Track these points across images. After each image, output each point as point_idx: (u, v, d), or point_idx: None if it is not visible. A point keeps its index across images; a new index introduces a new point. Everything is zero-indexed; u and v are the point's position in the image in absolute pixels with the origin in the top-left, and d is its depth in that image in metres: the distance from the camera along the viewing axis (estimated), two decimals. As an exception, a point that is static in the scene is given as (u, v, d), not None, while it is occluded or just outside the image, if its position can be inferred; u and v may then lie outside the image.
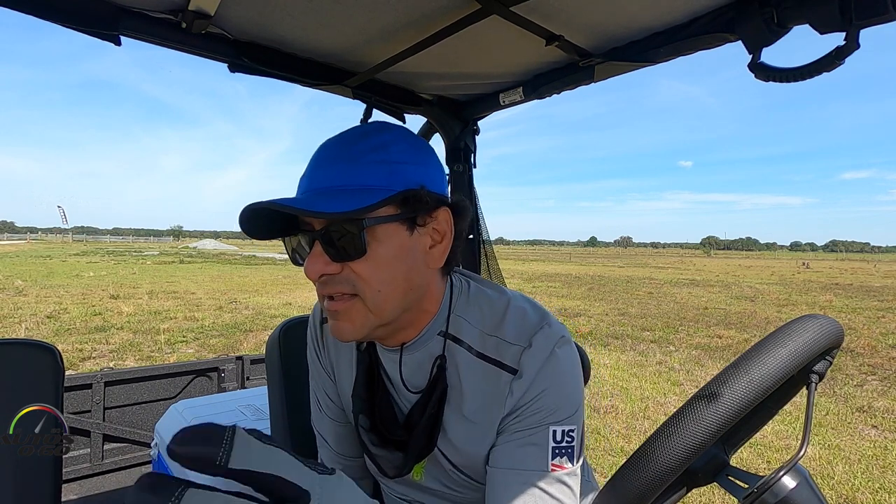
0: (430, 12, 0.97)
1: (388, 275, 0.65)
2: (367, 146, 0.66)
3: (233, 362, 2.65)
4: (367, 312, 0.66)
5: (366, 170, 0.65)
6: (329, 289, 0.66)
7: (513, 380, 0.70)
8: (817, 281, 20.59)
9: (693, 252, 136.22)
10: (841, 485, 2.93)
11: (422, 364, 0.75)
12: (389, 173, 0.65)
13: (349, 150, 0.66)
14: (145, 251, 38.52)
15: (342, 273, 0.65)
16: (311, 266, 0.64)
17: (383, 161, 0.65)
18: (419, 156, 0.69)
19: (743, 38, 0.86)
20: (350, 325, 0.67)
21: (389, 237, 0.65)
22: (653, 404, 4.32)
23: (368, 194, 0.63)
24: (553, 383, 0.69)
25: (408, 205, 0.66)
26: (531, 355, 0.69)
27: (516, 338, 0.71)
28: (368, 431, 0.77)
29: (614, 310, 10.26)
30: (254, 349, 6.08)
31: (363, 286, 0.65)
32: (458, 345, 0.74)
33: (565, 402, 0.69)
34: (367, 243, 0.63)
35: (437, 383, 0.72)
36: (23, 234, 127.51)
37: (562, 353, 0.70)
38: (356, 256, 0.64)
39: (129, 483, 2.27)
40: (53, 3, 0.91)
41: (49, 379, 0.99)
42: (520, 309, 0.74)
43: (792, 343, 0.45)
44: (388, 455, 0.75)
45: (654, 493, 0.44)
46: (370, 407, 0.78)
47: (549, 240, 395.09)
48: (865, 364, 5.82)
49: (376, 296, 0.65)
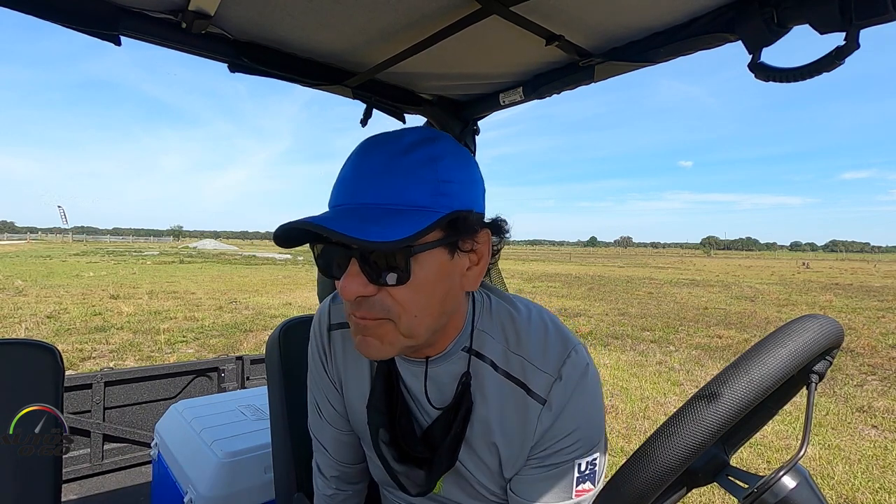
0: (430, 12, 0.97)
1: (426, 300, 0.62)
2: (417, 160, 0.60)
3: (233, 362, 2.65)
4: (399, 336, 0.63)
5: (416, 188, 0.59)
6: (363, 311, 0.61)
7: (542, 410, 0.69)
8: (817, 281, 20.59)
9: (693, 252, 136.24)
10: (841, 485, 2.93)
11: (445, 379, 0.73)
12: (439, 193, 0.60)
13: (398, 163, 0.60)
14: (145, 251, 38.53)
15: (377, 296, 0.61)
16: (349, 287, 0.59)
17: (434, 180, 0.60)
18: (467, 173, 0.64)
19: (743, 38, 0.86)
20: (380, 344, 0.64)
21: (431, 262, 0.61)
22: (653, 404, 4.32)
23: (418, 217, 0.58)
24: (581, 418, 0.69)
25: (453, 228, 0.62)
26: (562, 388, 0.68)
27: (543, 364, 0.69)
28: (389, 446, 0.74)
29: (614, 310, 10.26)
30: (254, 349, 6.08)
31: (399, 312, 0.61)
32: (481, 360, 0.72)
33: (591, 435, 0.69)
34: (412, 271, 0.59)
35: (462, 401, 0.71)
36: (23, 234, 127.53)
37: (588, 381, 0.70)
38: (399, 283, 0.60)
39: (129, 483, 2.27)
40: (53, 3, 0.92)
41: (49, 379, 0.99)
42: (540, 327, 0.72)
43: (792, 343, 0.45)
44: (409, 472, 0.73)
45: (654, 493, 0.44)
46: (390, 420, 0.75)
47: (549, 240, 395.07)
48: (865, 364, 5.82)
49: (412, 321, 0.62)
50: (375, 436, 0.75)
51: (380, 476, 0.86)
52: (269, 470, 1.31)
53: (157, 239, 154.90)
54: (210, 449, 1.37)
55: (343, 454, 0.89)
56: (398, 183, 0.59)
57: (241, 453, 1.34)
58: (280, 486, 1.10)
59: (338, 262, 0.62)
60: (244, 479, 1.32)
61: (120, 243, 75.31)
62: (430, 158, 0.61)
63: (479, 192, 0.67)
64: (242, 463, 1.33)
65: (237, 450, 1.35)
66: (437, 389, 0.73)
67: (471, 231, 0.63)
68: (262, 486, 1.34)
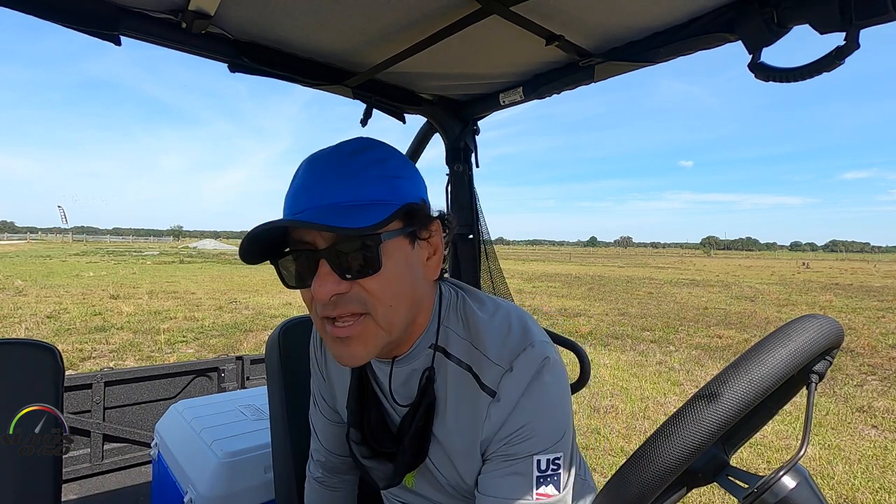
0: (430, 12, 0.97)
1: (398, 289, 0.64)
2: (366, 161, 0.65)
3: (233, 362, 2.65)
4: (378, 330, 0.65)
5: (370, 185, 0.64)
6: (339, 309, 0.63)
7: (490, 403, 0.68)
8: (817, 281, 20.59)
9: (693, 252, 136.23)
10: (841, 485, 2.93)
11: (411, 376, 0.74)
12: (392, 188, 0.65)
13: (348, 166, 0.64)
14: (145, 251, 38.53)
15: (351, 292, 0.63)
16: (322, 286, 0.61)
17: (384, 176, 0.65)
18: (411, 171, 0.70)
19: (743, 38, 0.86)
20: (363, 348, 0.65)
21: (396, 251, 0.64)
22: (653, 404, 4.32)
23: (378, 209, 0.62)
24: (536, 412, 0.67)
25: (410, 219, 0.66)
26: (512, 379, 0.67)
27: (497, 357, 0.69)
28: (359, 444, 0.77)
29: (614, 310, 10.26)
30: (254, 349, 6.08)
31: (375, 302, 0.63)
32: (447, 358, 0.72)
33: (550, 431, 0.67)
34: (381, 259, 0.62)
35: (424, 396, 0.72)
36: (23, 234, 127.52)
37: (546, 377, 0.68)
38: (371, 272, 0.62)
39: (129, 483, 2.27)
40: (53, 3, 0.92)
41: (49, 379, 0.99)
42: (504, 324, 0.72)
43: (792, 343, 0.45)
44: (378, 466, 0.76)
45: (654, 493, 0.44)
46: (360, 420, 0.78)
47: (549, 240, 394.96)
48: (865, 364, 5.82)
49: (388, 311, 0.64)
50: (347, 434, 0.79)
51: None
52: (269, 470, 1.31)
53: (157, 239, 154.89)
54: (210, 449, 1.37)
55: (331, 443, 0.94)
56: (354, 183, 0.63)
57: (241, 453, 1.34)
58: (280, 486, 1.10)
59: (305, 269, 0.64)
60: (244, 479, 1.32)
61: (120, 243, 75.32)
62: (378, 159, 0.66)
63: (424, 188, 0.72)
64: (242, 463, 1.33)
65: (237, 450, 1.35)
66: (404, 387, 0.75)
67: (425, 221, 0.68)
68: (262, 486, 1.34)
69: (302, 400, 1.08)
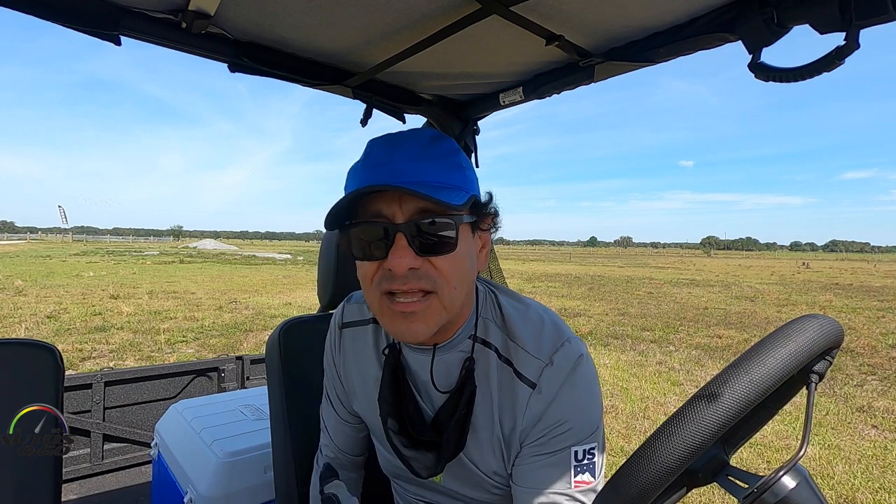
0: (430, 12, 0.97)
1: (462, 272, 0.67)
2: (445, 150, 0.68)
3: (233, 362, 2.65)
4: (441, 309, 0.67)
5: (450, 171, 0.67)
6: (409, 284, 0.64)
7: (531, 394, 0.70)
8: (817, 281, 20.59)
9: (693, 252, 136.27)
10: (841, 485, 2.93)
11: (452, 365, 0.76)
12: (465, 178, 0.68)
13: (430, 151, 0.67)
14: (145, 251, 38.52)
15: (422, 269, 0.64)
16: (400, 259, 0.62)
17: (459, 166, 0.69)
18: (471, 165, 0.73)
19: (743, 38, 0.86)
20: (425, 325, 0.66)
21: (465, 236, 0.68)
22: (653, 404, 4.32)
23: (455, 192, 0.65)
24: (573, 405, 0.70)
25: (476, 209, 0.69)
26: (552, 373, 0.70)
27: (536, 350, 0.72)
28: (398, 434, 0.77)
29: (614, 310, 10.26)
30: (254, 349, 6.08)
31: (443, 283, 0.65)
32: (486, 348, 0.75)
33: (586, 422, 0.71)
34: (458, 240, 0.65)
35: (465, 384, 0.73)
36: (23, 234, 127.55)
37: (582, 371, 0.71)
38: (447, 251, 0.64)
39: (129, 483, 2.27)
40: (53, 3, 0.92)
41: (49, 379, 0.99)
42: (537, 319, 0.75)
43: (792, 343, 0.45)
44: (419, 456, 0.76)
45: (654, 493, 0.44)
46: (398, 409, 0.78)
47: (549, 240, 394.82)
48: (865, 364, 5.82)
49: (452, 293, 0.66)
50: (385, 425, 0.78)
51: (389, 467, 0.88)
52: (269, 470, 1.31)
53: (157, 239, 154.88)
54: (210, 449, 1.37)
55: (340, 440, 0.95)
56: (436, 166, 0.66)
57: (241, 453, 1.34)
58: (280, 486, 1.10)
59: (379, 241, 0.65)
60: (244, 479, 1.32)
61: (120, 243, 75.31)
62: (452, 150, 0.69)
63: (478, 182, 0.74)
64: (242, 463, 1.33)
65: (237, 450, 1.35)
66: (444, 375, 0.76)
67: (486, 214, 0.71)
68: (262, 486, 1.34)
69: (302, 400, 1.08)
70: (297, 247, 73.07)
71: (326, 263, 1.16)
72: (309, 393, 1.08)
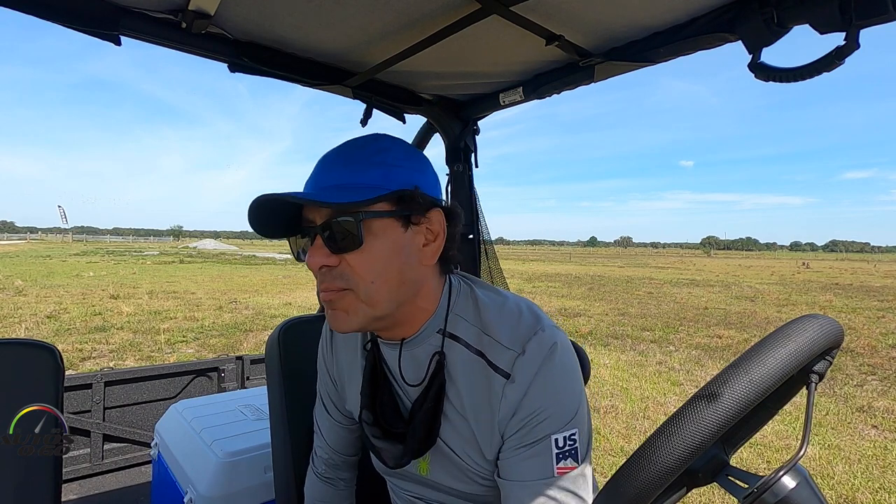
0: (430, 12, 0.97)
1: (382, 268, 0.69)
2: (369, 151, 0.72)
3: (233, 362, 2.65)
4: (360, 304, 0.70)
5: (364, 171, 0.70)
6: (325, 283, 0.70)
7: (506, 384, 0.71)
8: (817, 281, 20.59)
9: (693, 252, 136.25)
10: (841, 485, 2.93)
11: (421, 360, 0.78)
12: (386, 175, 0.70)
13: (350, 156, 0.72)
14: (145, 251, 38.52)
15: (339, 266, 0.69)
16: (312, 258, 0.68)
17: (381, 164, 0.70)
18: (414, 162, 0.74)
19: (743, 38, 0.86)
20: (345, 315, 0.71)
21: (384, 232, 0.69)
22: (653, 404, 4.32)
23: (365, 191, 0.67)
24: (549, 393, 0.70)
25: (402, 203, 0.70)
26: (525, 362, 0.71)
27: (510, 341, 0.73)
28: (371, 425, 0.80)
29: (614, 310, 10.26)
30: (254, 349, 6.08)
31: (357, 279, 0.69)
32: (455, 342, 0.76)
33: (564, 409, 0.70)
34: (364, 236, 0.67)
35: (434, 378, 0.75)
36: (23, 234, 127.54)
37: (557, 358, 0.71)
38: (353, 248, 0.67)
39: (129, 483, 2.27)
40: (53, 3, 0.92)
41: (49, 379, 0.99)
42: (514, 311, 0.76)
43: (792, 343, 0.45)
44: (388, 447, 0.78)
45: (654, 493, 0.44)
46: (372, 402, 0.81)
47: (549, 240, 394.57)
48: (865, 364, 5.82)
49: (369, 287, 0.69)
50: (360, 417, 0.81)
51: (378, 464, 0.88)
52: (269, 470, 1.31)
53: (157, 239, 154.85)
54: (210, 449, 1.37)
55: (334, 441, 0.97)
56: (353, 168, 0.70)
57: (241, 453, 1.34)
58: (280, 486, 1.10)
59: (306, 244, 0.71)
60: (244, 479, 1.32)
61: (120, 243, 75.29)
62: (379, 150, 0.72)
63: (429, 179, 0.75)
64: (242, 463, 1.33)
65: (237, 450, 1.35)
66: (413, 369, 0.79)
67: (419, 208, 0.71)
68: (262, 486, 1.34)
69: (302, 400, 1.08)
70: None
71: (326, 263, 1.17)
72: (309, 393, 1.08)
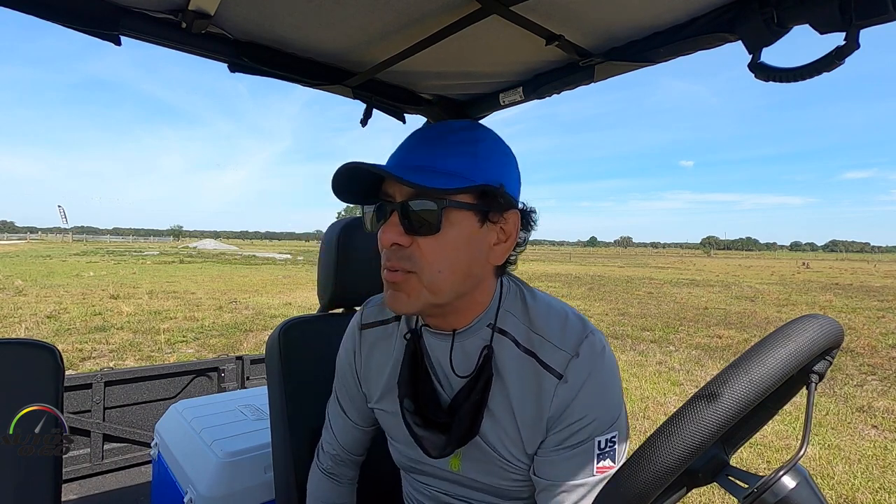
0: (430, 12, 0.97)
1: (451, 258, 0.69)
2: (460, 138, 0.71)
3: (233, 362, 2.65)
4: (422, 288, 0.70)
5: (454, 158, 0.70)
6: (393, 261, 0.70)
7: (558, 384, 0.73)
8: (817, 281, 20.59)
9: (693, 252, 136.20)
10: (841, 485, 2.93)
11: (470, 351, 0.78)
12: (474, 165, 0.70)
13: (441, 139, 0.71)
14: (145, 251, 38.51)
15: (409, 248, 0.69)
16: (387, 234, 0.69)
17: (471, 153, 0.70)
18: (503, 157, 0.74)
19: (743, 38, 0.86)
20: (406, 297, 0.71)
21: (461, 223, 0.69)
22: (653, 404, 4.32)
23: (453, 178, 0.68)
24: (598, 396, 0.73)
25: (485, 199, 0.70)
26: (579, 364, 0.73)
27: (561, 342, 0.75)
28: (413, 414, 0.80)
29: (614, 310, 10.26)
30: (254, 349, 6.08)
31: (424, 264, 0.69)
32: (504, 336, 0.78)
33: (609, 413, 0.73)
34: (441, 223, 0.67)
35: (483, 370, 0.76)
36: (23, 234, 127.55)
37: (605, 362, 0.75)
38: (428, 233, 0.68)
39: (129, 483, 2.27)
40: (53, 3, 0.92)
41: (49, 379, 0.99)
42: (561, 313, 0.79)
43: (792, 343, 0.45)
44: (430, 436, 0.78)
45: (654, 493, 0.44)
46: (414, 391, 0.80)
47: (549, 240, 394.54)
48: (865, 364, 5.82)
49: (435, 275, 0.69)
50: (402, 405, 0.80)
51: (405, 460, 0.89)
52: (269, 470, 1.31)
53: (157, 239, 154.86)
54: (210, 449, 1.37)
55: (345, 440, 0.97)
56: (443, 152, 0.70)
57: (241, 453, 1.34)
58: (280, 486, 1.11)
59: (381, 215, 0.72)
60: (244, 479, 1.32)
61: (120, 243, 75.27)
62: (471, 139, 0.72)
63: (514, 179, 0.75)
64: (242, 463, 1.33)
65: (237, 450, 1.35)
66: (462, 360, 0.79)
67: (500, 206, 0.71)
68: (262, 486, 1.34)
69: (302, 400, 1.08)
70: (297, 247, 73.07)
71: (326, 263, 1.16)
72: (309, 393, 1.08)
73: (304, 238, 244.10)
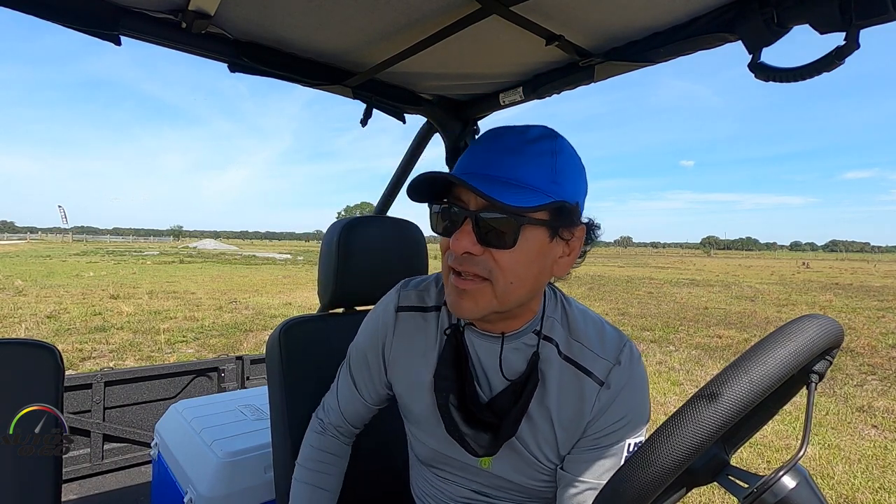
0: (430, 12, 0.97)
1: (523, 271, 0.70)
2: (540, 150, 0.70)
3: (233, 362, 2.65)
4: (492, 298, 0.70)
5: (536, 171, 0.68)
6: (465, 266, 0.70)
7: (600, 390, 0.77)
8: (817, 281, 20.59)
9: (693, 252, 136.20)
10: (841, 485, 2.93)
11: (516, 355, 0.80)
12: (553, 180, 0.69)
13: (523, 149, 0.70)
14: (145, 251, 38.50)
15: (481, 256, 0.69)
16: (459, 242, 0.68)
17: (549, 166, 0.69)
18: (579, 173, 0.73)
19: (743, 38, 0.86)
20: (473, 305, 0.71)
21: (535, 238, 0.69)
22: (653, 404, 4.31)
23: (533, 195, 0.66)
24: (634, 401, 0.77)
25: (560, 216, 0.70)
26: (620, 371, 0.77)
27: (602, 350, 0.78)
28: (458, 409, 0.80)
29: (614, 309, 10.26)
30: (254, 349, 6.08)
31: (499, 275, 0.69)
32: (549, 343, 0.80)
33: (641, 417, 0.78)
34: (518, 240, 0.68)
35: (531, 375, 0.78)
36: (23, 234, 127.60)
37: (640, 370, 0.79)
38: (503, 247, 0.68)
39: (129, 483, 2.27)
40: (53, 3, 0.92)
41: (49, 379, 0.99)
42: (597, 321, 0.83)
43: (792, 343, 0.45)
44: (475, 434, 0.79)
45: (654, 492, 0.44)
46: (459, 387, 0.81)
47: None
48: (865, 364, 5.82)
49: (507, 287, 0.70)
50: (445, 400, 0.80)
51: (429, 453, 0.89)
52: (269, 470, 1.31)
53: (157, 239, 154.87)
54: (210, 449, 1.37)
55: (349, 411, 0.97)
56: (521, 164, 0.68)
57: (241, 453, 1.34)
58: (280, 485, 1.10)
59: (452, 220, 0.71)
60: (244, 479, 1.32)
61: (120, 243, 75.25)
62: (551, 151, 0.70)
63: (585, 193, 0.75)
64: (242, 463, 1.33)
65: (237, 450, 1.35)
66: (508, 364, 0.80)
67: (571, 222, 0.72)
68: (262, 486, 1.34)
69: (302, 399, 1.08)
70: (297, 247, 73.06)
71: (327, 263, 1.16)
72: (309, 393, 1.08)
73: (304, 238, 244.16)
